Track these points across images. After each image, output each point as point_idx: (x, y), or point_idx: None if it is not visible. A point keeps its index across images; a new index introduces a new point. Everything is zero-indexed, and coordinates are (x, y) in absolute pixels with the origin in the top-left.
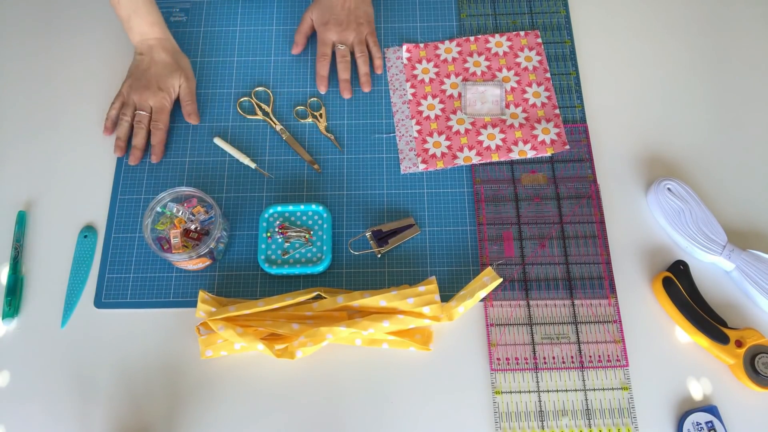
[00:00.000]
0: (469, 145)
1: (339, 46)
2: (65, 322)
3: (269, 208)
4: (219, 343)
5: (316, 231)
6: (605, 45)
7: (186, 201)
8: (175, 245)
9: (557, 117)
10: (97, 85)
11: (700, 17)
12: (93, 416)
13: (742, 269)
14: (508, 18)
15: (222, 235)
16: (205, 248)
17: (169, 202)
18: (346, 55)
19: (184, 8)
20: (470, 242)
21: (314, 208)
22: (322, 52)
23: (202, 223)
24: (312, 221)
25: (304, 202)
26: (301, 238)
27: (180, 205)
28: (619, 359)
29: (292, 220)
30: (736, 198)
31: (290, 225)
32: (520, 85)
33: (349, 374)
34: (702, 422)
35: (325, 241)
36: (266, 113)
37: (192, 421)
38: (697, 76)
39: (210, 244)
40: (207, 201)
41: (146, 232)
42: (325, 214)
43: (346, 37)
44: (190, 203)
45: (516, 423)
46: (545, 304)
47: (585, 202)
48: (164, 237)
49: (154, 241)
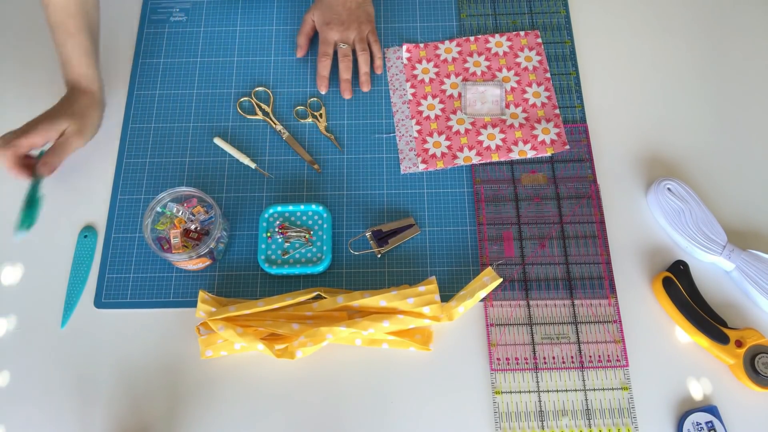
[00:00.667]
0: (469, 145)
1: (341, 45)
2: (65, 322)
3: (269, 208)
4: (219, 343)
5: (316, 231)
6: (605, 45)
7: (186, 201)
8: (175, 245)
9: (557, 117)
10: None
11: (700, 17)
12: (93, 416)
13: (742, 269)
14: (508, 18)
15: (222, 235)
16: (205, 248)
17: (169, 202)
18: (348, 54)
19: (184, 8)
20: (470, 242)
21: (314, 208)
22: (324, 51)
23: (202, 223)
24: (312, 221)
25: (304, 202)
26: (301, 238)
27: (180, 205)
28: (619, 359)
29: (292, 220)
30: (736, 198)
31: (290, 225)
32: (520, 85)
33: (349, 374)
34: (702, 422)
35: (325, 241)
36: (266, 113)
37: (192, 421)
38: (697, 76)
39: (210, 244)
40: (207, 201)
41: (146, 232)
42: (325, 214)
43: (348, 36)
44: (190, 203)
45: (516, 423)
46: (545, 304)
47: (585, 202)
48: (164, 237)
49: (154, 241)
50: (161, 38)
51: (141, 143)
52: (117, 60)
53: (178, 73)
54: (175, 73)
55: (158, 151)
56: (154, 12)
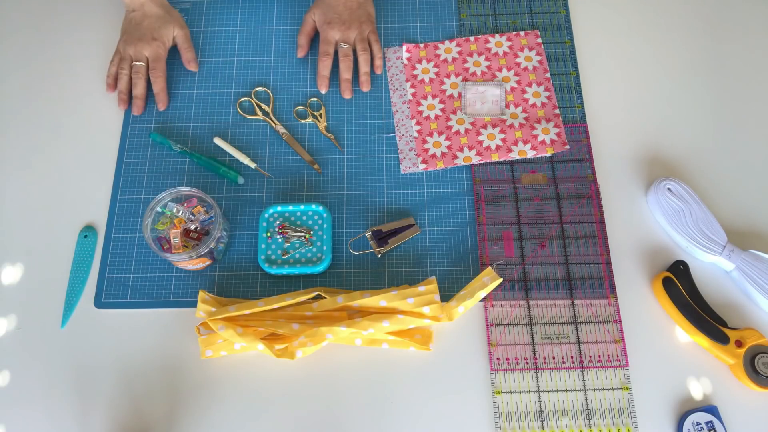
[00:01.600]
0: (469, 145)
1: (342, 45)
2: (65, 322)
3: (269, 208)
4: (219, 343)
5: (316, 231)
6: (605, 45)
7: (186, 201)
8: (175, 245)
9: (557, 117)
10: (99, 85)
11: (700, 17)
12: (93, 416)
13: (742, 269)
14: (508, 18)
15: (222, 235)
16: (205, 248)
17: (169, 202)
18: (349, 54)
19: (184, 8)
20: (470, 242)
21: (314, 208)
22: (325, 50)
23: (202, 223)
24: (312, 221)
25: (304, 202)
26: (301, 238)
27: (180, 205)
28: (619, 359)
29: (292, 220)
30: (736, 198)
31: (290, 225)
32: (520, 85)
33: (349, 374)
34: (702, 422)
35: (325, 241)
36: (266, 113)
37: (192, 421)
38: (697, 75)
39: (210, 244)
40: (207, 201)
41: (146, 232)
42: (325, 214)
43: (349, 36)
44: (190, 203)
45: (516, 423)
46: (545, 304)
47: (585, 202)
48: (164, 237)
49: (154, 241)
50: None
51: (141, 143)
52: None
53: (178, 73)
54: (175, 74)
55: (158, 151)
56: None
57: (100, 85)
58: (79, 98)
